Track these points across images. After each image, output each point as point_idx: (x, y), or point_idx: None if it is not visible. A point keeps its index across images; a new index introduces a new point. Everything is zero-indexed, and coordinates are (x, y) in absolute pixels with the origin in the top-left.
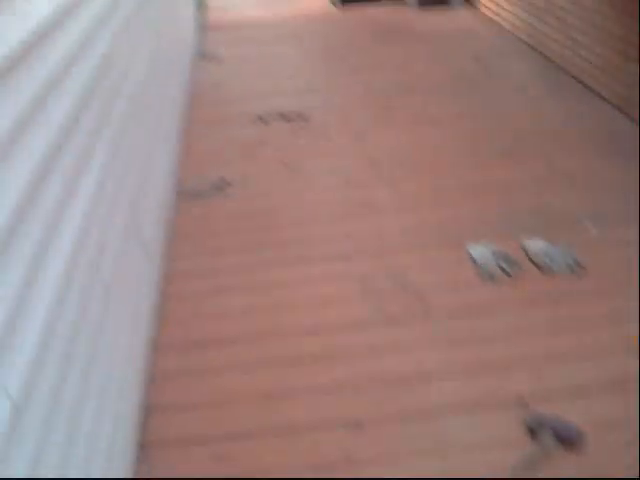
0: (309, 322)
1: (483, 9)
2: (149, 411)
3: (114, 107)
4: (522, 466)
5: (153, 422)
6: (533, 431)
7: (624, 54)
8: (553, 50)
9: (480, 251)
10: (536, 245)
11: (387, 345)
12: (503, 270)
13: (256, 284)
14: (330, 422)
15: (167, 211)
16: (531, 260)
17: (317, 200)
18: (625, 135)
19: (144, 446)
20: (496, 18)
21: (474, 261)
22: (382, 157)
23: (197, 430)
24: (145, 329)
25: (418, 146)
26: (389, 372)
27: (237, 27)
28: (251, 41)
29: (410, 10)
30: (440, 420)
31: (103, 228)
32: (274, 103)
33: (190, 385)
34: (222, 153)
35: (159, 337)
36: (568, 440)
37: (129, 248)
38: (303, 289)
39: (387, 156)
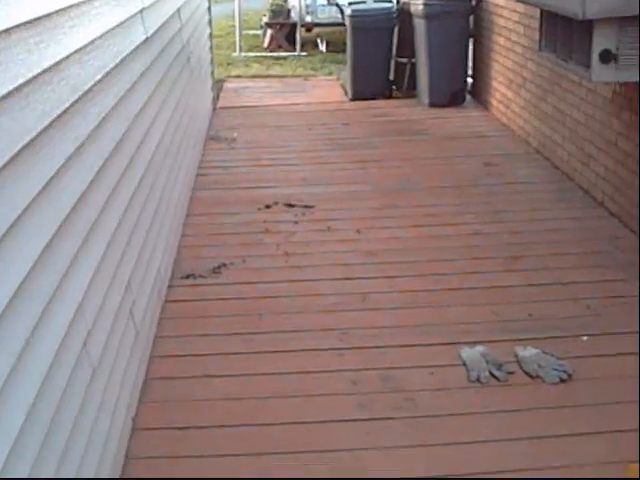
0: (292, 414)
1: (494, 111)
2: None
3: (123, 185)
4: None
5: None
6: None
7: (631, 170)
8: (562, 159)
9: (471, 354)
10: (528, 352)
11: (369, 443)
12: (492, 375)
13: (242, 373)
14: None
15: (161, 292)
16: (521, 367)
17: (313, 290)
18: (626, 248)
19: None
20: (507, 122)
21: (464, 363)
22: (381, 252)
23: None
24: (126, 410)
25: (419, 244)
26: (369, 471)
27: (251, 111)
28: (263, 126)
29: (421, 108)
30: None
31: (97, 308)
32: (280, 191)
33: (165, 470)
34: (223, 237)
35: (138, 419)
36: None
37: (120, 327)
38: (290, 381)
39: (386, 251)
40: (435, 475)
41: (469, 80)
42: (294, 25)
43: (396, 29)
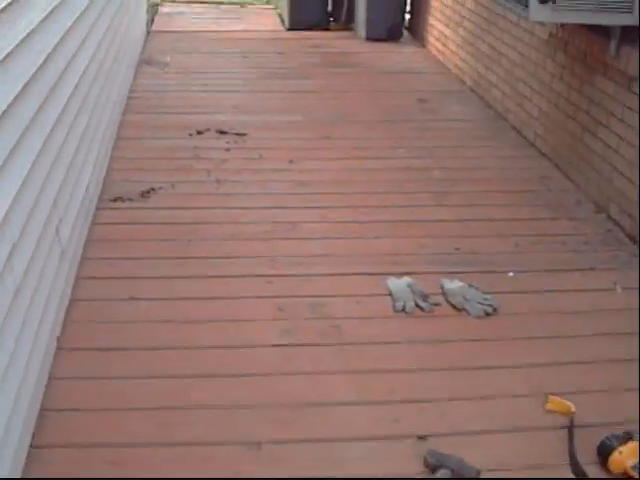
0: (217, 338)
1: (431, 48)
2: (44, 413)
3: (50, 103)
4: None
5: (47, 425)
6: (432, 468)
7: (564, 112)
8: (496, 98)
9: (398, 285)
10: (453, 285)
11: (293, 368)
12: (418, 305)
13: (169, 296)
14: (226, 440)
15: (89, 213)
16: (447, 299)
17: (243, 218)
18: (555, 188)
19: (36, 448)
20: (443, 59)
21: (390, 293)
22: (313, 182)
23: (92, 435)
24: (50, 330)
25: (350, 176)
26: (292, 395)
27: (185, 37)
28: (197, 52)
29: (358, 42)
30: (339, 447)
31: (22, 222)
32: (212, 118)
33: (88, 390)
34: (153, 162)
35: (62, 339)
36: None
37: (46, 245)
38: (217, 306)
39: (318, 182)
40: (355, 400)
41: (407, 16)
42: None
43: None
